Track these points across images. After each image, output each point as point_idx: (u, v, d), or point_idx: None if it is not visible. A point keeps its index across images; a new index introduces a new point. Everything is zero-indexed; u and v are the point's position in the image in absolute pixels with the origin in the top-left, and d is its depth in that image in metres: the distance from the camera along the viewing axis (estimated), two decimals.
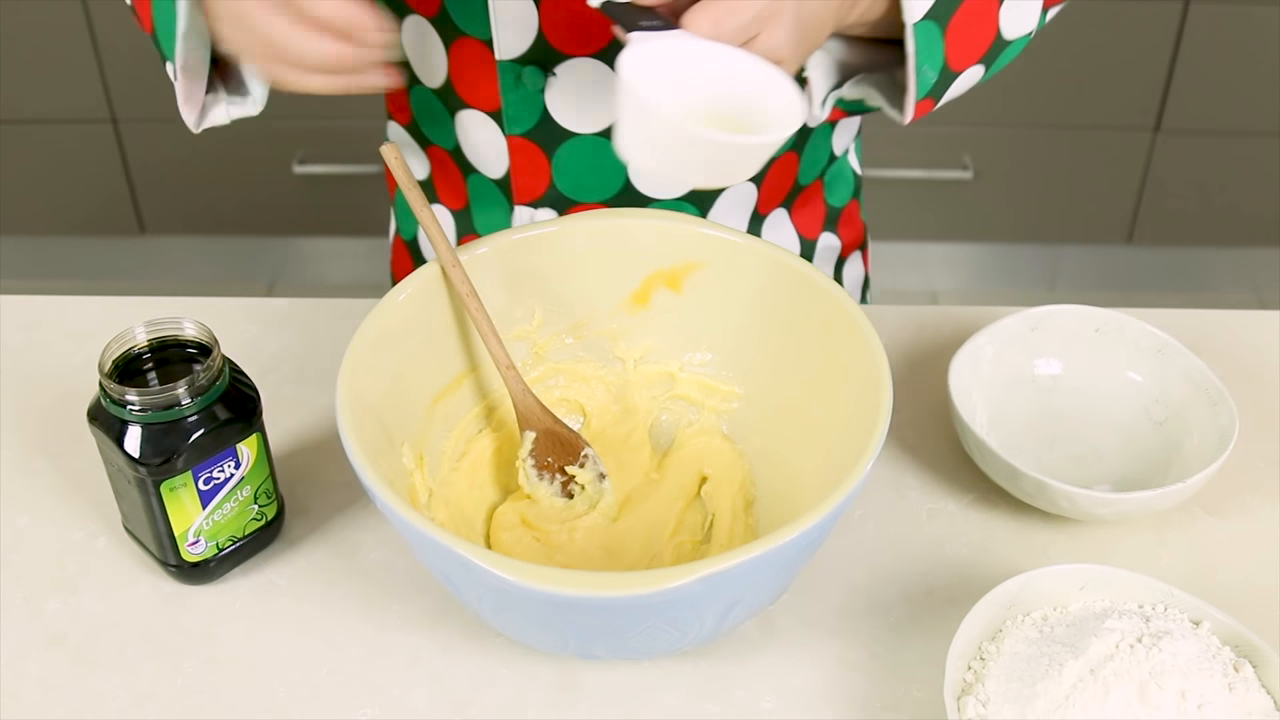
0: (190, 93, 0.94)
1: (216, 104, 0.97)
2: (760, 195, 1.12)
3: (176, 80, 0.93)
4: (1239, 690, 0.75)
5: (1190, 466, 0.91)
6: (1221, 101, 2.52)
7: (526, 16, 0.98)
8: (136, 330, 0.84)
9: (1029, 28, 0.96)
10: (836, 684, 0.83)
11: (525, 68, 1.01)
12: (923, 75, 0.91)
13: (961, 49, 0.92)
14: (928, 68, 0.91)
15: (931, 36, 0.90)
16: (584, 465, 0.92)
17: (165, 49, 0.92)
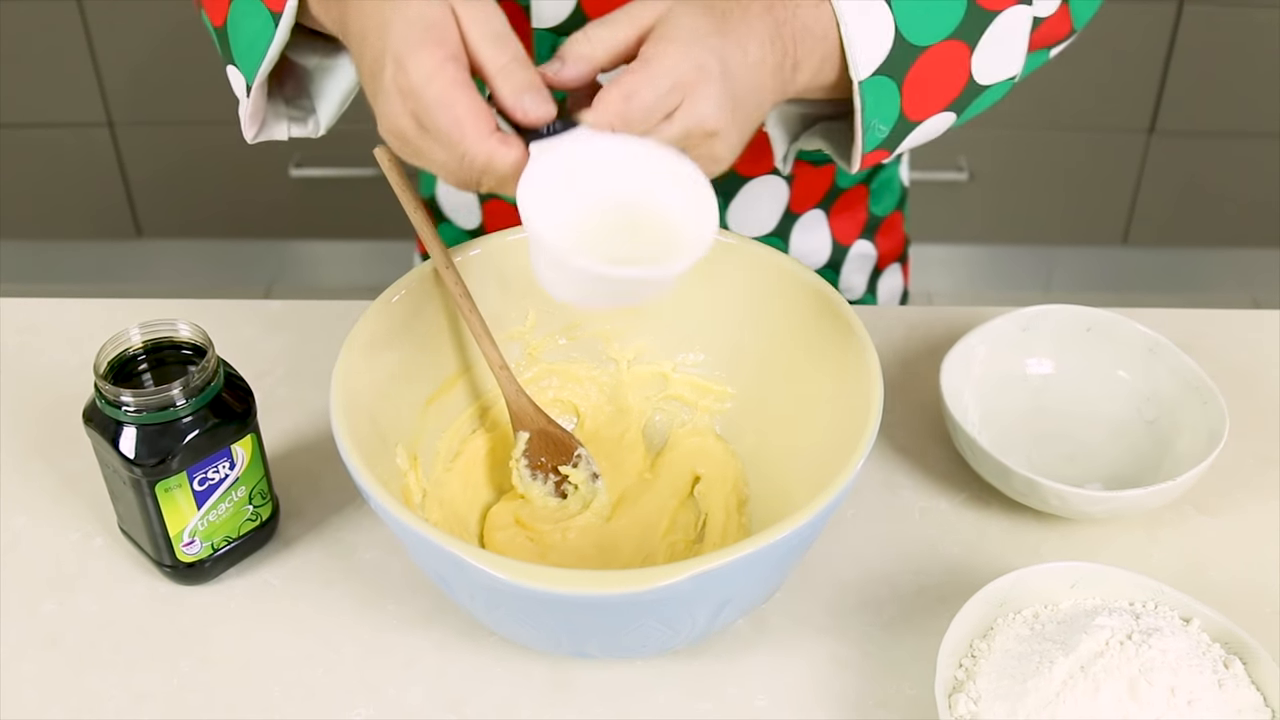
0: (256, 107, 0.91)
1: (278, 120, 0.94)
2: (792, 193, 1.12)
3: (247, 96, 0.90)
4: (1229, 687, 0.76)
5: (1181, 465, 0.91)
6: (1216, 103, 2.53)
7: None
8: (131, 332, 0.85)
9: (1010, 72, 0.93)
10: (829, 682, 0.83)
11: (562, 38, 1.01)
12: (871, 130, 0.88)
13: (922, 99, 0.89)
14: (877, 122, 0.88)
15: (883, 92, 0.87)
16: (577, 465, 0.92)
17: (243, 65, 0.89)
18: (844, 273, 1.20)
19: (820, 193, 1.14)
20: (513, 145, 0.74)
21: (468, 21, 0.75)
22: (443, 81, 0.73)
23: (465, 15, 0.75)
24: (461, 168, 0.75)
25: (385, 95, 0.75)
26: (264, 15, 0.86)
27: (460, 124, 0.73)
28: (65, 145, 2.60)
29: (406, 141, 0.76)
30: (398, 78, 0.74)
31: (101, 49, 2.47)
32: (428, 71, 0.73)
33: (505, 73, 0.75)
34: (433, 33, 0.74)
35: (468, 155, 0.74)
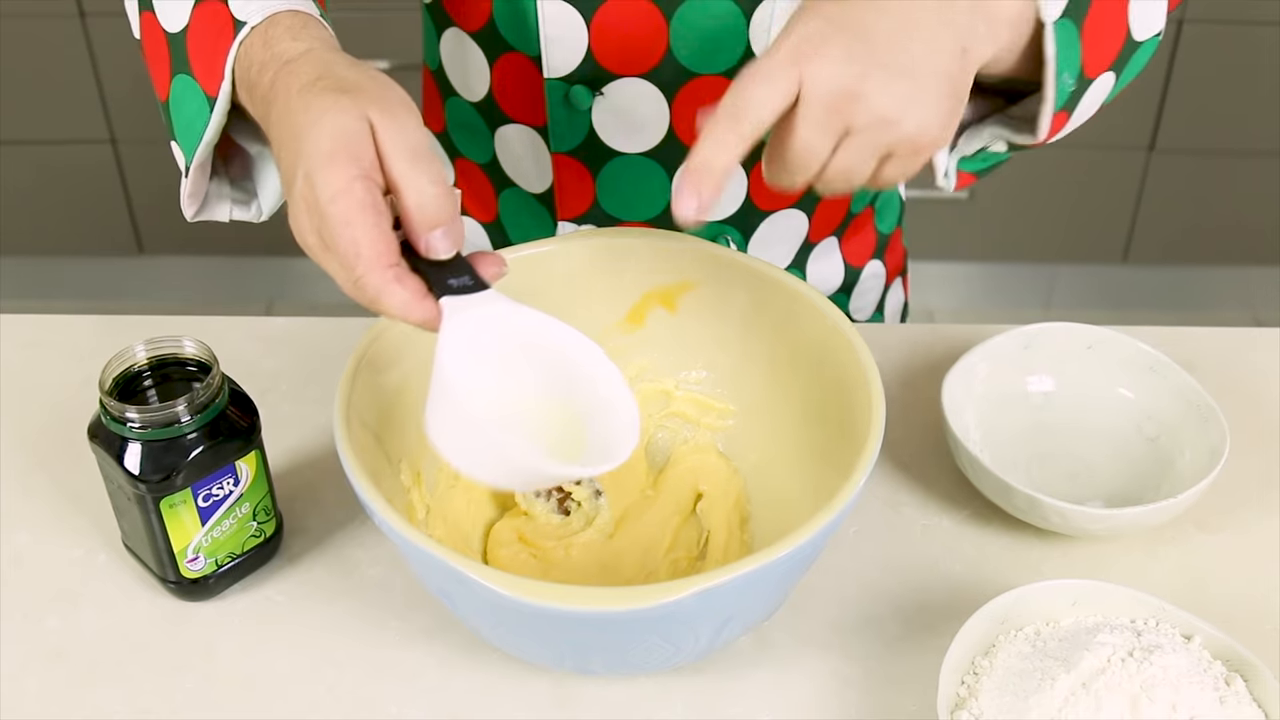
0: (196, 187, 0.89)
1: (220, 200, 0.93)
2: (811, 224, 1.12)
3: (186, 176, 0.88)
4: (1230, 704, 0.76)
5: (1182, 483, 0.92)
6: (1216, 121, 2.53)
7: (576, 35, 0.99)
8: (136, 348, 0.85)
9: (1157, 27, 0.87)
10: (831, 699, 0.83)
11: (573, 86, 1.02)
12: (1062, 83, 0.80)
13: (1097, 51, 0.82)
14: (1067, 74, 0.80)
15: (1070, 37, 0.78)
16: (580, 482, 0.92)
17: (183, 144, 0.87)
18: (855, 294, 1.21)
19: (837, 221, 1.14)
20: (407, 285, 0.72)
21: (384, 137, 0.72)
22: (347, 202, 0.70)
23: (383, 130, 0.72)
24: (354, 295, 0.73)
25: (294, 208, 0.74)
26: (200, 98, 0.84)
27: (357, 248, 0.71)
28: (68, 162, 2.61)
29: (312, 254, 0.75)
30: (305, 192, 0.72)
31: (104, 66, 2.48)
32: (334, 190, 0.70)
33: (418, 200, 0.72)
34: (346, 148, 0.71)
35: (360, 282, 0.72)
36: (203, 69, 0.84)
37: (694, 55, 1.00)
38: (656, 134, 1.04)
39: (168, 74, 0.87)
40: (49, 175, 2.63)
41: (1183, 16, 2.40)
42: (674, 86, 1.02)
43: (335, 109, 0.72)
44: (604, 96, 1.02)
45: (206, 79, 0.84)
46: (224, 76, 0.82)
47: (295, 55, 0.78)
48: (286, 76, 0.76)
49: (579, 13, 0.98)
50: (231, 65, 0.82)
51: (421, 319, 0.73)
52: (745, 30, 0.98)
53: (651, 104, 1.02)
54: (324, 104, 0.73)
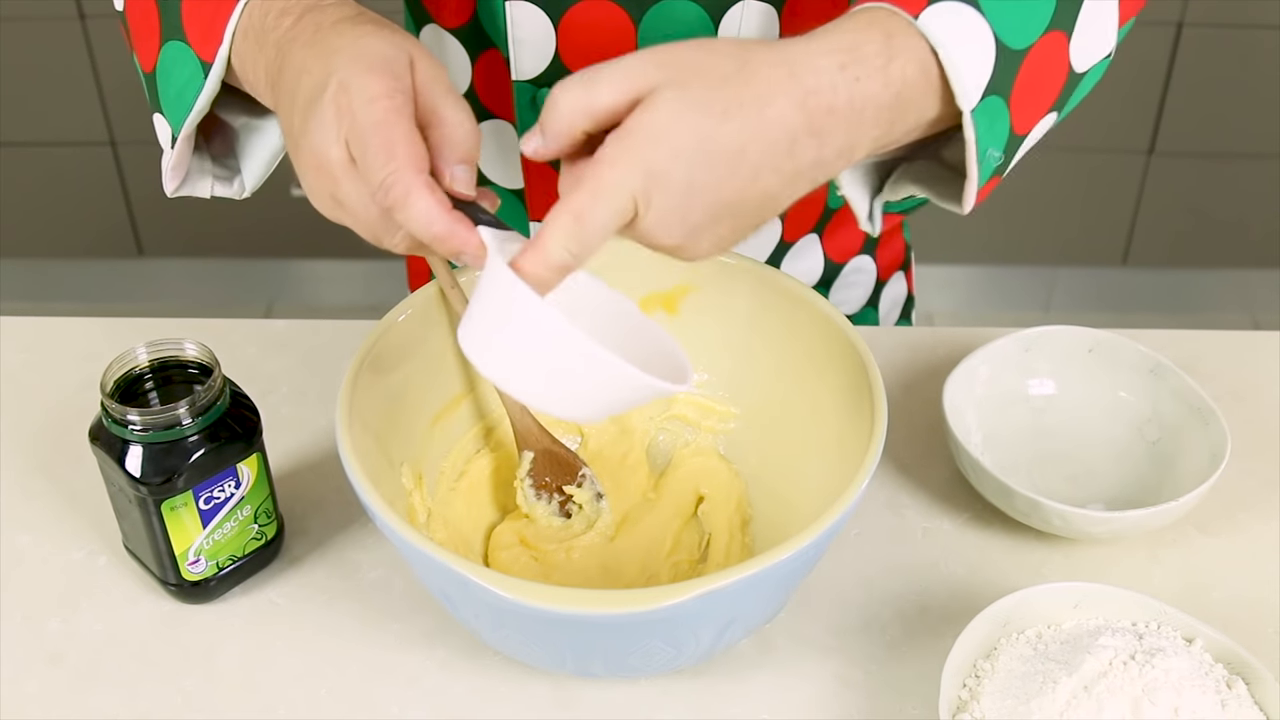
0: (180, 159, 0.88)
1: (202, 176, 0.91)
2: (785, 225, 1.12)
3: (171, 148, 0.86)
4: (1231, 707, 0.76)
5: (1183, 485, 0.92)
6: (1215, 124, 2.54)
7: (544, 38, 0.99)
8: (138, 351, 0.85)
9: (1106, 49, 0.83)
10: (832, 702, 0.83)
11: (541, 90, 1.02)
12: (986, 161, 0.76)
13: (1028, 108, 0.78)
14: (992, 150, 0.76)
15: (994, 114, 0.74)
16: (581, 485, 0.92)
17: (170, 115, 0.85)
18: (836, 287, 1.20)
19: (814, 219, 1.14)
20: (437, 194, 0.69)
21: (425, 69, 0.72)
22: (387, 105, 0.69)
23: (423, 63, 0.72)
24: (378, 198, 0.70)
25: (318, 118, 0.71)
26: (194, 64, 0.82)
27: (392, 147, 0.69)
28: (67, 164, 2.61)
29: (327, 174, 0.72)
30: (338, 96, 0.70)
31: (104, 68, 2.48)
32: (373, 93, 0.69)
33: (453, 130, 0.71)
34: (387, 65, 0.70)
35: (388, 182, 0.69)
36: (199, 33, 0.82)
37: None
38: None
39: (156, 41, 0.85)
40: (49, 178, 2.63)
41: (1182, 20, 2.40)
42: None
43: (377, 35, 0.72)
44: None
45: (203, 44, 0.82)
46: (223, 40, 0.80)
47: (324, 1, 0.77)
48: (316, 14, 0.76)
49: (547, 15, 0.98)
50: (233, 29, 0.80)
51: (448, 229, 0.70)
52: (714, 35, 0.98)
53: None
54: (366, 30, 0.73)
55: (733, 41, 0.70)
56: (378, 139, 0.69)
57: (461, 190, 0.72)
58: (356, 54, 0.71)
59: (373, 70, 0.70)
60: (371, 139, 0.69)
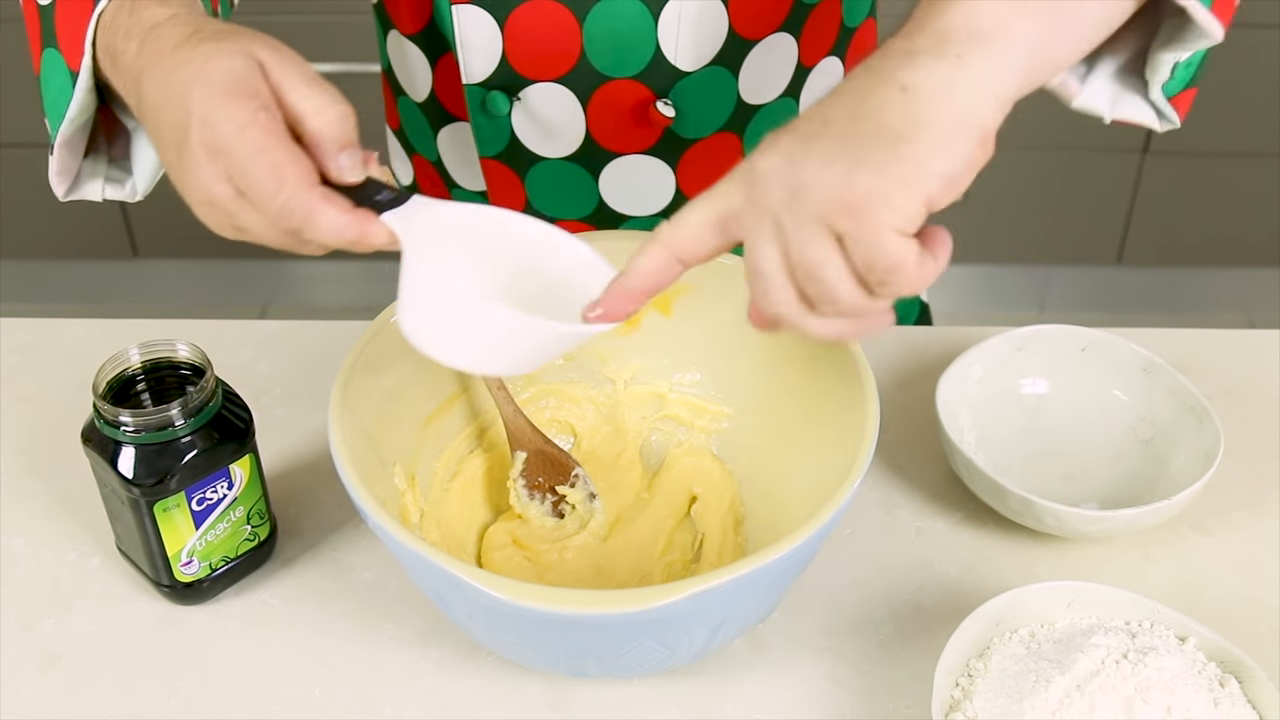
0: (65, 164, 0.85)
1: (94, 177, 0.88)
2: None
3: (53, 153, 0.84)
4: (1224, 705, 0.76)
5: (1176, 484, 0.92)
6: (1210, 123, 2.53)
7: (490, 40, 0.98)
8: (130, 352, 0.85)
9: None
10: (826, 701, 0.83)
11: (490, 92, 1.01)
12: None
13: None
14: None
15: None
16: (574, 485, 0.92)
17: (50, 119, 0.83)
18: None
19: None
20: (336, 202, 0.69)
21: (277, 69, 0.70)
22: (256, 131, 0.67)
23: (273, 63, 0.70)
24: (279, 223, 0.69)
25: (192, 160, 0.69)
26: (64, 73, 0.81)
27: (279, 172, 0.67)
28: None
29: (221, 209, 0.71)
30: (205, 136, 0.68)
31: None
32: (239, 123, 0.67)
33: (324, 121, 0.69)
34: (240, 86, 0.68)
35: (286, 208, 0.68)
36: (67, 43, 0.81)
37: (606, 59, 0.99)
38: (575, 139, 1.04)
39: (39, 48, 0.84)
40: (43, 179, 2.62)
41: None
42: (587, 91, 1.01)
43: (219, 53, 0.69)
44: (521, 102, 1.02)
45: (70, 53, 0.80)
46: (84, 51, 0.78)
47: (162, 20, 0.74)
48: (155, 41, 0.73)
49: (492, 17, 0.97)
50: (91, 38, 0.78)
51: (358, 234, 0.69)
52: (654, 31, 0.98)
53: (567, 109, 1.02)
54: (206, 51, 0.70)
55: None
56: (262, 168, 0.67)
57: (351, 179, 0.71)
58: (206, 83, 0.69)
59: (229, 96, 0.68)
60: (254, 170, 0.67)
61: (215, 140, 0.68)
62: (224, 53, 0.69)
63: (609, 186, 1.07)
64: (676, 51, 0.99)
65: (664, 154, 1.06)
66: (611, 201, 1.07)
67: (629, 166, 1.06)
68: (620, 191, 1.07)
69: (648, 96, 1.01)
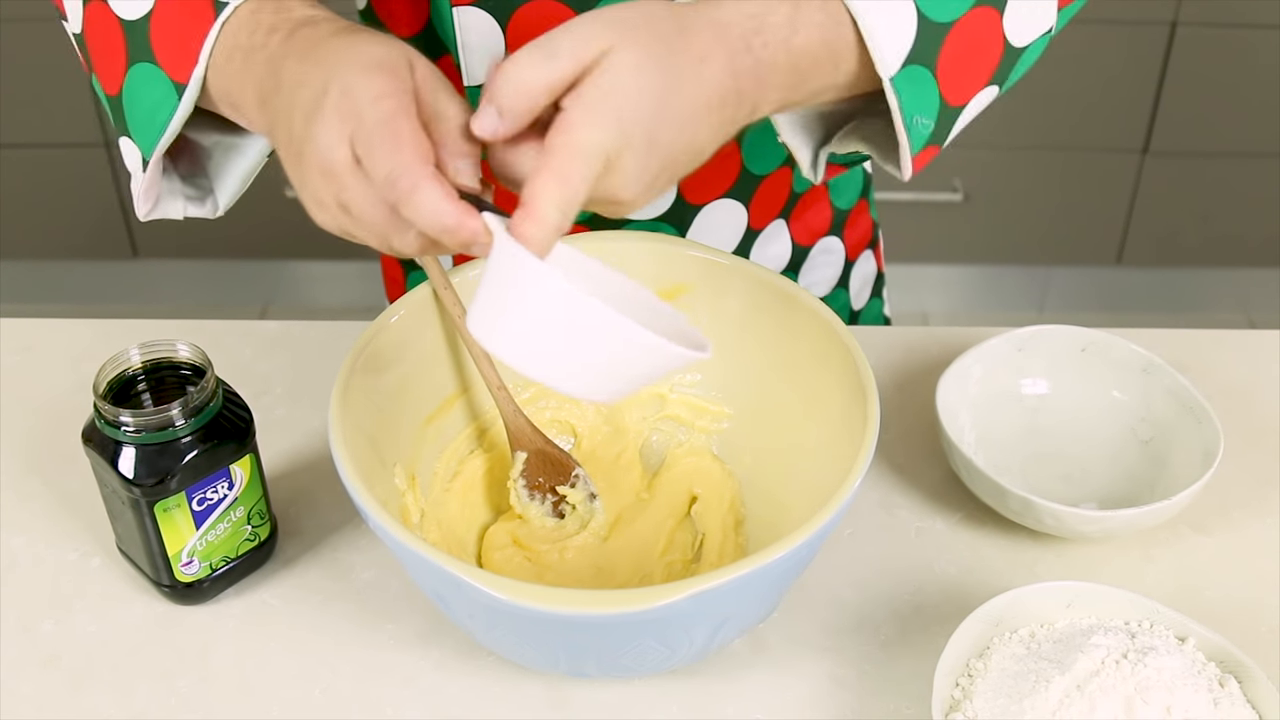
0: (152, 182, 0.86)
1: (173, 197, 0.89)
2: (751, 212, 1.11)
3: (143, 171, 0.84)
4: (1224, 705, 0.76)
5: (1176, 484, 0.92)
6: (1209, 123, 2.54)
7: (492, 42, 0.98)
8: (131, 352, 0.85)
9: (1045, 25, 0.84)
10: (826, 701, 0.83)
11: None
12: (915, 128, 0.79)
13: (960, 80, 0.80)
14: (919, 117, 0.79)
15: (918, 82, 0.78)
16: (575, 485, 0.92)
17: (140, 138, 0.83)
18: (804, 270, 1.19)
19: (780, 203, 1.13)
20: (445, 185, 0.69)
21: (421, 69, 0.72)
22: (394, 102, 0.69)
23: (420, 65, 0.73)
24: (386, 193, 0.69)
25: (321, 123, 0.70)
26: (165, 85, 0.81)
27: (399, 140, 0.69)
28: (61, 165, 2.60)
29: (333, 179, 0.71)
30: (341, 102, 0.70)
31: None
32: (378, 91, 0.69)
33: (454, 128, 0.72)
34: (387, 65, 0.71)
35: (394, 173, 0.68)
36: (171, 55, 0.81)
37: None
38: None
39: (123, 64, 0.84)
40: (44, 179, 2.63)
41: (1176, 19, 2.41)
42: None
43: (374, 41, 0.73)
44: None
45: (175, 65, 0.80)
46: (198, 61, 0.79)
47: (315, 17, 0.77)
48: (309, 29, 0.76)
49: (494, 19, 0.97)
50: (210, 49, 0.79)
51: (458, 219, 0.70)
52: None
53: None
54: (362, 38, 0.73)
55: (664, 3, 0.73)
56: (383, 133, 0.69)
57: (466, 183, 0.73)
58: (355, 58, 0.71)
59: (373, 71, 0.70)
60: (377, 134, 0.69)
61: (350, 105, 0.70)
62: (380, 41, 0.73)
63: None
64: None
65: None
66: None
67: None
68: None
69: None
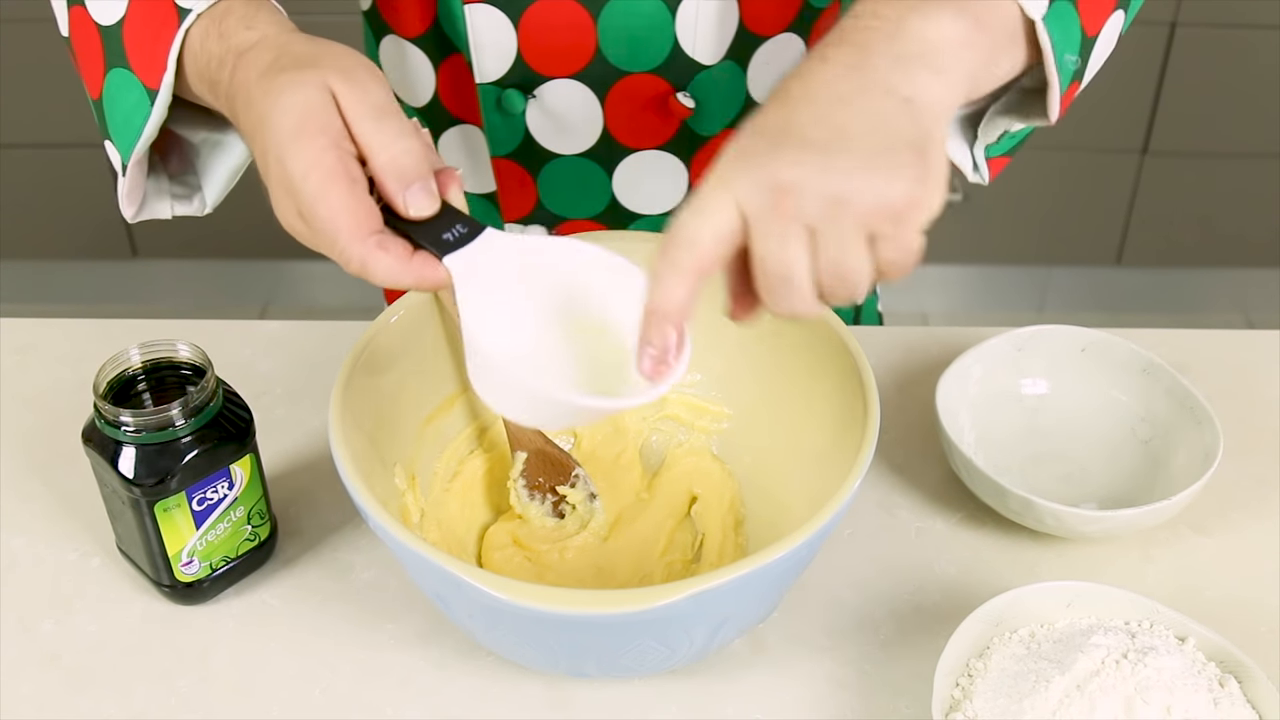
0: (135, 184, 0.86)
1: (160, 197, 0.89)
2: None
3: (122, 175, 0.85)
4: (1224, 705, 0.76)
5: (1176, 484, 0.92)
6: (1209, 123, 2.54)
7: (505, 39, 0.99)
8: (131, 352, 0.85)
9: None
10: (826, 701, 0.83)
11: (505, 90, 1.02)
12: (1064, 66, 0.76)
13: (1095, 6, 0.78)
14: (1068, 55, 0.77)
15: (1064, 17, 0.75)
16: (575, 485, 0.92)
17: (119, 142, 0.84)
18: None
19: None
20: (391, 251, 0.70)
21: (347, 102, 0.71)
22: (319, 175, 0.69)
23: (344, 94, 0.71)
24: (343, 266, 0.71)
25: (273, 195, 0.72)
26: (139, 90, 0.82)
27: (335, 221, 0.69)
28: (61, 165, 2.60)
29: (301, 238, 0.73)
30: (279, 174, 0.71)
31: None
32: (306, 164, 0.69)
33: (389, 160, 0.71)
34: (310, 121, 0.70)
35: (343, 256, 0.70)
36: (142, 61, 0.82)
37: (622, 54, 1.00)
38: (591, 134, 1.04)
39: (101, 69, 0.85)
40: (43, 179, 2.63)
41: (1176, 20, 2.40)
42: (605, 86, 1.02)
43: (293, 85, 0.71)
44: (536, 99, 1.02)
45: (146, 72, 0.81)
46: (166, 68, 0.79)
47: (250, 44, 0.76)
48: (244, 68, 0.75)
49: (506, 16, 0.98)
50: (175, 56, 0.79)
51: (414, 281, 0.71)
52: (671, 26, 0.99)
53: (584, 105, 1.02)
54: (281, 83, 0.71)
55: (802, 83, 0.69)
56: (320, 215, 0.69)
57: (420, 215, 0.72)
58: (279, 118, 0.70)
59: (298, 136, 0.69)
60: (316, 215, 0.69)
61: (285, 179, 0.70)
62: (298, 84, 0.71)
63: (622, 183, 1.07)
64: (695, 44, 0.99)
65: (679, 150, 1.06)
66: (624, 199, 1.07)
67: (644, 163, 1.06)
68: (633, 189, 1.08)
69: (666, 90, 1.02)
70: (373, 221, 0.70)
